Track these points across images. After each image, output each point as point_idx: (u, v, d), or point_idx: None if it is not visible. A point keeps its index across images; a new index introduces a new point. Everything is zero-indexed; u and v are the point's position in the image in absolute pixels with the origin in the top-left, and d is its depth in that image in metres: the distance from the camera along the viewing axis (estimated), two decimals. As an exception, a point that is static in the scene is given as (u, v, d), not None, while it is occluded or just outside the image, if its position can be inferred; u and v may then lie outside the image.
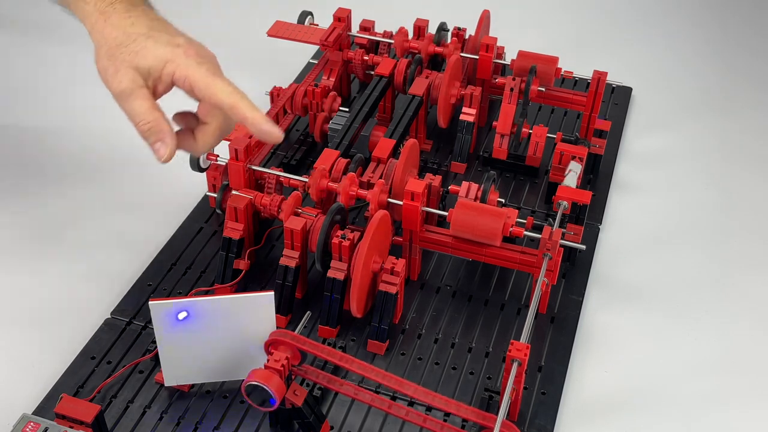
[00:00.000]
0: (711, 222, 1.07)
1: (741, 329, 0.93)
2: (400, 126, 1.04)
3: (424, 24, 1.19)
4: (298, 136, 1.15)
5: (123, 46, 0.76)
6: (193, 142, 0.78)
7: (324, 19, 1.23)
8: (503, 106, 1.08)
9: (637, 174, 1.14)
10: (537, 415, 0.82)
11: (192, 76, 0.75)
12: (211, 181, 1.00)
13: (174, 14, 1.43)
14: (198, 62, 0.76)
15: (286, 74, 1.26)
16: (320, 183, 0.93)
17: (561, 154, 1.01)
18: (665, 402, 0.85)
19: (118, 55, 0.76)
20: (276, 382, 0.72)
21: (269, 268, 0.96)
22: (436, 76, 1.11)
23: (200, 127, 0.79)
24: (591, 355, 0.90)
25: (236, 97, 0.75)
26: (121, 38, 0.77)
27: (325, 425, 0.79)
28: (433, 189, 0.95)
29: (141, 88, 0.76)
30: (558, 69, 1.12)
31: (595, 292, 0.97)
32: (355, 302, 0.85)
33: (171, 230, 1.01)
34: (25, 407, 0.80)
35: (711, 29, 1.45)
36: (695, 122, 1.23)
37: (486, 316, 0.92)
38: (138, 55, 0.76)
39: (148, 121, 0.75)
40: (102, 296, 0.93)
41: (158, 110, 0.76)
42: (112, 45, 0.77)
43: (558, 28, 1.44)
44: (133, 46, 0.76)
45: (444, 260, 0.98)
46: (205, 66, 0.77)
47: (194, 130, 0.79)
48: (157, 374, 0.83)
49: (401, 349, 0.88)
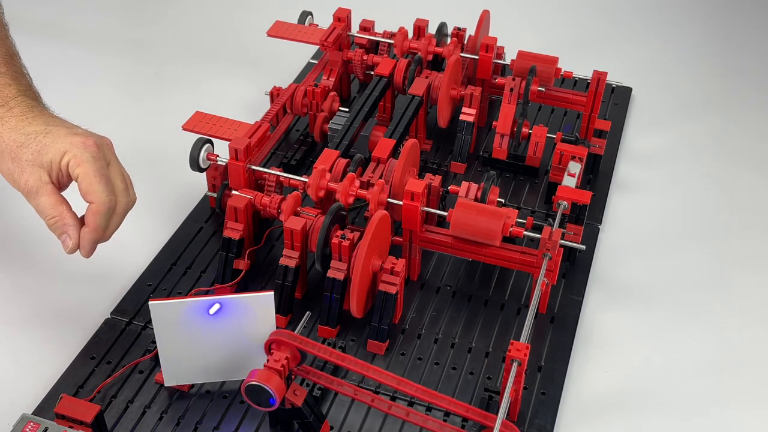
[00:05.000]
0: (711, 222, 1.07)
1: (741, 329, 0.93)
2: (400, 126, 1.04)
3: (424, 24, 1.19)
4: (298, 136, 1.15)
5: (24, 146, 0.80)
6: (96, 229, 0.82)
7: (324, 19, 1.23)
8: (503, 106, 1.08)
9: (637, 174, 1.14)
10: (537, 414, 0.82)
11: (81, 172, 0.80)
12: (211, 181, 1.00)
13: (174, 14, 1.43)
14: (93, 157, 0.80)
15: (286, 74, 1.26)
16: (320, 183, 0.93)
17: (561, 154, 1.01)
18: (665, 402, 0.85)
19: (21, 155, 0.80)
20: (276, 382, 0.72)
21: (269, 268, 0.96)
22: (436, 76, 1.11)
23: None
24: (591, 355, 0.90)
25: (99, 208, 0.80)
26: (21, 139, 0.81)
27: (325, 425, 0.79)
28: (433, 189, 0.95)
29: (46, 185, 0.80)
30: (558, 69, 1.12)
31: (595, 292, 0.97)
32: (354, 302, 0.85)
33: (171, 230, 1.01)
34: (25, 407, 0.80)
35: (711, 29, 1.45)
36: (695, 122, 1.23)
37: (486, 316, 0.92)
38: (39, 153, 0.80)
39: (53, 216, 0.81)
40: (102, 296, 0.93)
41: (63, 204, 0.81)
42: (13, 147, 0.80)
43: (558, 28, 1.44)
44: (33, 146, 0.80)
45: (444, 260, 0.98)
46: (98, 164, 0.80)
47: None
48: (157, 374, 0.83)
49: (401, 349, 0.88)
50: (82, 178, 0.80)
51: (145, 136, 1.05)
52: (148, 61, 1.32)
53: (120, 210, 0.83)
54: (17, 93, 0.84)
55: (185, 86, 1.26)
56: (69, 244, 0.82)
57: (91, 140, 0.81)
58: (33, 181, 0.80)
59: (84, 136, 0.81)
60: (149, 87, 1.27)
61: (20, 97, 0.84)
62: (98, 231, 0.81)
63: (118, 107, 1.22)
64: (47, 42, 1.32)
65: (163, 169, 1.09)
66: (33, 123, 0.82)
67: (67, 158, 0.80)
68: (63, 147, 0.80)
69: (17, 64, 0.89)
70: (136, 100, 1.23)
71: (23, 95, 0.85)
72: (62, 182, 0.82)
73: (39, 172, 0.80)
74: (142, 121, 1.19)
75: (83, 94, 1.23)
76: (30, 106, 0.84)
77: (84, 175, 0.80)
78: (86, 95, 1.23)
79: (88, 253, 0.83)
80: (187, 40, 1.37)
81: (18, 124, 0.82)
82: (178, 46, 1.36)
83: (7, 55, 0.88)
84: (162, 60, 1.32)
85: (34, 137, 0.81)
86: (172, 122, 1.04)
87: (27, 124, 0.82)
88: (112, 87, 1.26)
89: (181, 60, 1.33)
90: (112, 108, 1.22)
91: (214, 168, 0.99)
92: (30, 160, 0.80)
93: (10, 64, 0.88)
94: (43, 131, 0.81)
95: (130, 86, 1.26)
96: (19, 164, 0.80)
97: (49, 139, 0.80)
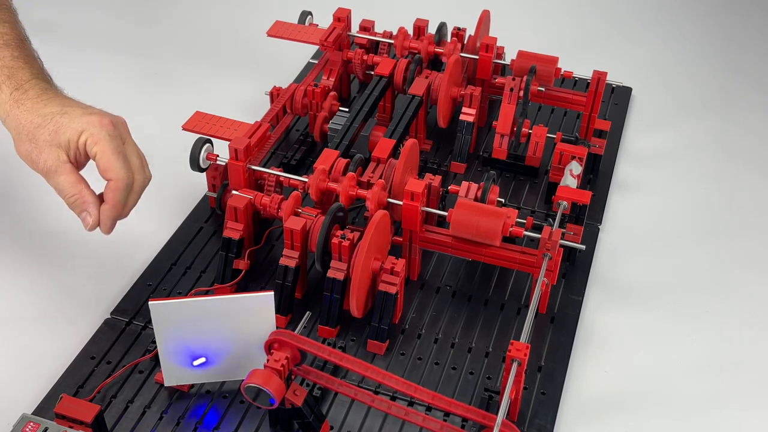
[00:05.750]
0: (711, 222, 1.07)
1: (741, 329, 0.93)
2: (400, 126, 1.04)
3: (424, 24, 1.19)
4: (298, 136, 1.15)
5: (41, 127, 0.82)
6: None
7: (324, 19, 1.23)
8: (503, 106, 1.08)
9: (637, 174, 1.14)
10: (537, 414, 0.82)
11: (100, 149, 0.81)
12: (211, 181, 1.00)
13: (174, 14, 1.43)
14: (110, 135, 0.82)
15: (286, 74, 1.26)
16: (320, 183, 0.93)
17: (561, 154, 1.01)
18: (665, 402, 0.85)
19: (39, 136, 0.82)
20: (276, 382, 0.72)
21: (269, 268, 0.96)
22: (436, 76, 1.11)
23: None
24: (591, 355, 0.90)
25: (118, 184, 0.82)
26: (38, 120, 0.82)
27: (325, 425, 0.79)
28: (433, 189, 0.95)
29: (65, 164, 0.82)
30: (558, 69, 1.12)
31: (595, 292, 0.97)
32: (354, 302, 0.85)
33: (171, 230, 1.01)
34: (25, 407, 0.80)
35: (711, 29, 1.45)
36: (695, 122, 1.23)
37: (486, 316, 0.92)
38: (57, 133, 0.82)
39: (73, 194, 0.82)
40: (102, 296, 0.93)
41: (82, 183, 0.83)
42: (31, 128, 0.82)
43: (558, 28, 1.44)
44: (50, 126, 0.82)
45: (444, 260, 0.98)
46: (115, 142, 0.82)
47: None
48: (157, 374, 0.83)
49: (401, 349, 0.88)
50: (100, 156, 0.81)
51: (146, 135, 1.04)
52: (149, 61, 1.32)
53: (137, 187, 0.84)
54: (31, 76, 0.86)
55: (185, 86, 1.26)
56: (89, 221, 0.83)
57: (107, 119, 0.83)
58: (52, 160, 0.82)
59: (100, 115, 0.83)
60: (149, 87, 1.27)
61: (34, 80, 0.86)
62: (118, 207, 0.83)
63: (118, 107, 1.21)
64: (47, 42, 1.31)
65: (163, 169, 1.09)
66: (49, 104, 0.83)
67: (84, 137, 0.81)
68: (80, 126, 0.82)
69: (28, 48, 0.90)
70: (136, 99, 1.23)
71: (36, 78, 0.86)
72: (80, 161, 0.84)
73: (57, 151, 0.82)
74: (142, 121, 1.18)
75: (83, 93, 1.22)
76: (44, 88, 0.86)
77: (102, 153, 0.81)
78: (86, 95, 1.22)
79: (108, 229, 0.84)
80: (187, 40, 1.37)
81: (34, 106, 0.83)
82: (178, 46, 1.36)
83: (19, 39, 0.89)
84: (162, 60, 1.32)
85: (51, 118, 0.82)
86: (172, 122, 1.04)
87: (43, 105, 0.83)
88: (112, 87, 1.26)
89: (181, 60, 1.33)
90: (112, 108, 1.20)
91: (214, 168, 0.99)
92: (48, 141, 0.82)
93: (22, 48, 0.89)
94: (59, 112, 0.83)
95: (130, 86, 1.26)
96: (38, 145, 0.82)
97: (65, 119, 0.82)
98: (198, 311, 0.75)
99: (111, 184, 0.82)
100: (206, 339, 0.77)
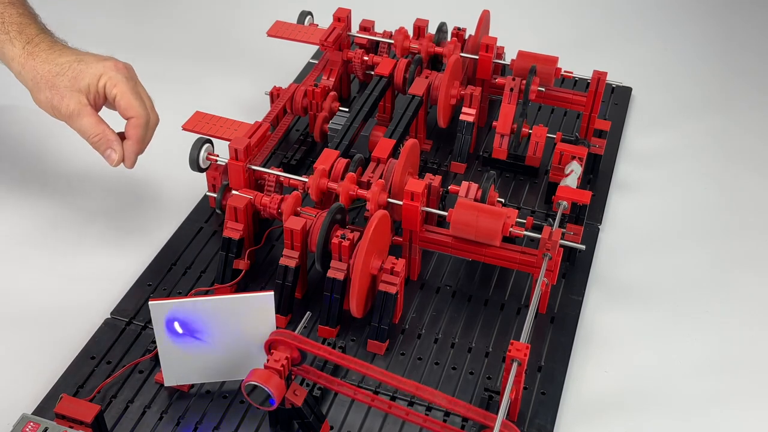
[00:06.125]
0: (711, 222, 1.07)
1: (741, 329, 0.93)
2: (400, 126, 1.04)
3: (424, 24, 1.19)
4: (298, 136, 1.15)
5: (60, 75, 0.89)
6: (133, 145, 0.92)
7: (324, 19, 1.23)
8: (503, 106, 1.08)
9: (637, 174, 1.14)
10: (537, 414, 0.82)
11: (119, 91, 0.89)
12: (211, 181, 1.00)
13: (174, 15, 1.43)
14: (126, 77, 0.90)
15: (286, 74, 1.26)
16: (320, 183, 0.93)
17: (561, 154, 1.01)
18: (665, 402, 0.85)
19: (58, 83, 0.89)
20: (276, 382, 0.72)
21: (269, 268, 0.96)
22: (436, 76, 1.11)
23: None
24: (591, 355, 0.90)
25: (139, 121, 0.90)
26: (56, 69, 0.89)
27: (325, 425, 0.79)
28: (433, 189, 0.95)
29: (86, 107, 0.89)
30: (558, 69, 1.12)
31: (595, 292, 0.97)
32: (354, 302, 0.85)
33: (171, 230, 1.01)
34: (25, 407, 0.80)
35: (710, 29, 1.45)
36: (695, 122, 1.23)
37: (486, 316, 0.92)
38: (76, 79, 0.89)
39: (96, 134, 0.89)
40: (102, 296, 0.93)
41: (103, 123, 0.90)
42: (49, 77, 0.89)
43: (558, 28, 1.44)
44: (69, 73, 0.89)
45: (444, 260, 0.98)
46: (131, 83, 0.91)
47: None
48: (157, 374, 0.83)
49: (401, 349, 0.88)
50: (120, 96, 0.89)
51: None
52: (148, 61, 1.31)
53: (152, 124, 0.92)
54: (39, 31, 0.93)
55: (185, 86, 1.26)
56: (114, 157, 0.90)
57: (120, 63, 0.91)
58: (74, 104, 0.88)
59: (114, 60, 0.91)
60: (149, 86, 1.26)
61: (42, 35, 0.92)
62: (141, 142, 0.91)
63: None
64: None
65: (163, 169, 1.09)
66: (63, 54, 0.90)
67: (103, 80, 0.89)
68: (98, 71, 0.89)
69: (29, 6, 0.98)
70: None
71: (44, 32, 0.93)
72: (98, 104, 0.91)
73: (78, 95, 0.89)
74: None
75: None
76: (53, 41, 0.93)
77: (122, 93, 0.89)
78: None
79: (132, 163, 0.92)
80: (187, 40, 1.37)
81: (49, 57, 0.90)
82: (178, 46, 1.36)
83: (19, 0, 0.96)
84: (162, 60, 1.32)
85: (69, 65, 0.89)
86: (172, 122, 1.04)
87: (58, 55, 0.90)
88: (112, 87, 1.26)
89: (181, 60, 1.33)
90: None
91: (214, 168, 0.99)
92: (68, 86, 0.88)
93: (25, 5, 0.96)
94: (75, 60, 0.90)
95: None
96: (58, 91, 0.88)
97: (83, 65, 0.89)
98: (198, 311, 0.75)
99: (132, 121, 0.90)
100: (206, 339, 0.77)
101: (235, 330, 0.77)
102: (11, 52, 0.91)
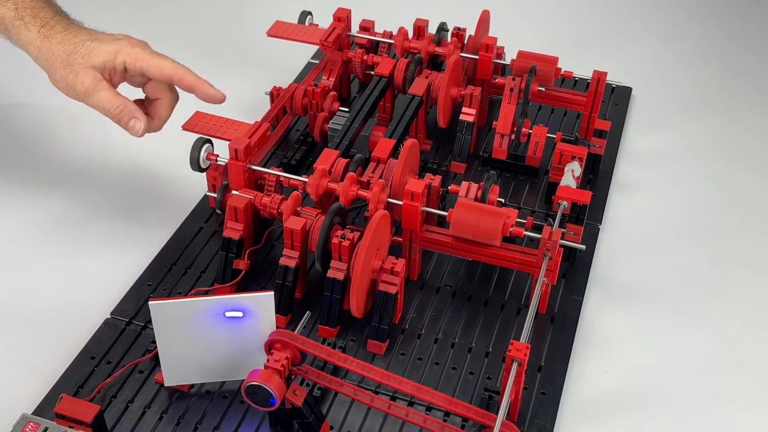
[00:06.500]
0: (711, 222, 1.07)
1: (741, 329, 0.93)
2: (400, 126, 1.04)
3: (424, 24, 1.19)
4: (298, 136, 1.15)
5: (74, 53, 0.89)
6: (150, 119, 0.93)
7: (324, 19, 1.23)
8: (503, 106, 1.08)
9: (637, 174, 1.14)
10: (537, 414, 0.82)
11: (142, 60, 0.90)
12: (211, 181, 1.00)
13: (174, 14, 1.43)
14: (143, 48, 0.91)
15: (286, 74, 1.26)
16: (320, 183, 0.93)
17: (561, 154, 1.01)
18: (665, 402, 0.85)
19: (73, 61, 0.89)
20: (276, 382, 0.72)
21: (269, 268, 0.96)
22: (436, 76, 1.11)
23: (153, 104, 0.94)
24: (591, 355, 0.90)
25: (183, 70, 0.91)
26: (70, 48, 0.90)
27: (325, 425, 0.79)
28: (433, 189, 0.95)
29: (101, 82, 0.89)
30: (558, 69, 1.12)
31: (595, 292, 0.97)
32: (354, 302, 0.85)
33: (171, 230, 1.01)
34: (25, 407, 0.80)
35: (710, 29, 1.45)
36: (695, 122, 1.23)
37: (486, 316, 0.92)
38: (90, 56, 0.89)
39: (116, 105, 0.89)
40: (102, 296, 0.93)
41: (121, 95, 0.90)
42: (64, 56, 0.89)
43: (558, 28, 1.44)
44: (83, 51, 0.89)
45: (444, 260, 0.98)
46: (148, 50, 0.91)
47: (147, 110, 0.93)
48: (157, 374, 0.83)
49: (401, 349, 0.88)
50: (147, 65, 0.90)
51: (145, 135, 1.04)
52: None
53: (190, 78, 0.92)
54: (53, 14, 0.93)
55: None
56: (139, 126, 0.90)
57: (134, 39, 0.92)
58: (89, 80, 0.88)
59: (128, 36, 0.92)
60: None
61: (57, 17, 0.93)
62: (202, 80, 0.92)
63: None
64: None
65: (163, 169, 1.09)
66: (78, 34, 0.91)
67: (121, 57, 0.89)
68: (113, 48, 0.89)
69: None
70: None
71: (59, 15, 0.94)
72: (114, 81, 0.91)
73: (92, 72, 0.89)
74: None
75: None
76: (68, 22, 0.93)
77: (147, 63, 0.90)
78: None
79: (222, 96, 0.93)
80: (186, 39, 1.37)
81: (64, 38, 0.90)
82: (178, 46, 1.35)
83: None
84: (162, 60, 1.31)
85: (82, 44, 0.89)
86: (172, 122, 1.04)
87: (72, 36, 0.90)
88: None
89: (181, 59, 1.31)
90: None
91: (214, 168, 0.99)
92: (82, 63, 0.89)
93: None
94: (89, 38, 0.90)
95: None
96: (73, 68, 0.89)
97: (96, 42, 0.90)
98: (198, 311, 0.75)
99: (178, 74, 0.90)
100: (206, 339, 0.77)
101: (235, 330, 0.77)
102: (27, 36, 0.91)
